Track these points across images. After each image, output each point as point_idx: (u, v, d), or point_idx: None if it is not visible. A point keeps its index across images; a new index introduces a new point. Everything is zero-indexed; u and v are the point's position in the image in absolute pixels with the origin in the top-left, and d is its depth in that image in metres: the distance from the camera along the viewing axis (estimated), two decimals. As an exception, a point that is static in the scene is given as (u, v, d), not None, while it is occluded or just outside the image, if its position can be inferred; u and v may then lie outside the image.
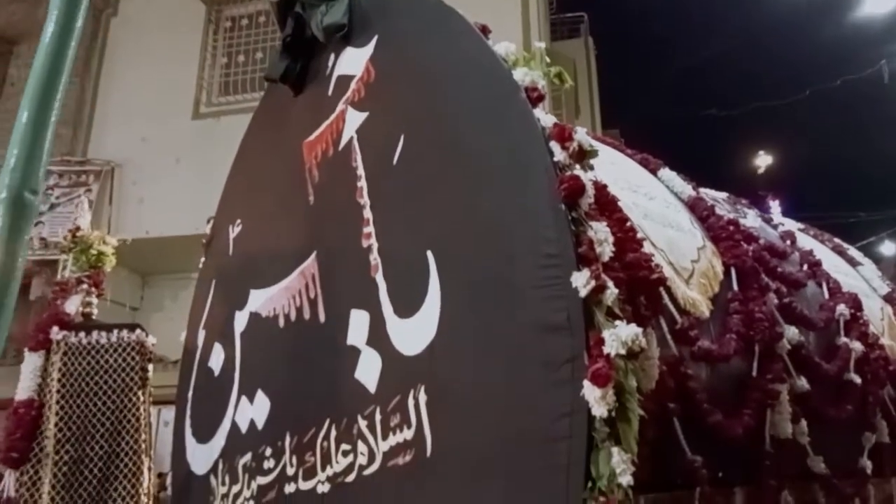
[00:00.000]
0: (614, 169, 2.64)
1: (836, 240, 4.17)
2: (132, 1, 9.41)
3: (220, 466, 2.99)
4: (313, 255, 2.70)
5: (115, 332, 3.86)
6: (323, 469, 2.36)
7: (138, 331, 3.91)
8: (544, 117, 1.98)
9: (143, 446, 3.73)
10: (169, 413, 4.01)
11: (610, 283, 1.71)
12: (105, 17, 9.41)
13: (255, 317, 3.02)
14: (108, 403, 3.69)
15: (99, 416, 3.66)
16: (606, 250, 1.78)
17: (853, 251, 4.17)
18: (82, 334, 3.78)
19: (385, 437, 2.13)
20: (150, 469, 3.80)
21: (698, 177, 3.16)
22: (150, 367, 3.93)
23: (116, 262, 4.68)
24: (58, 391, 3.62)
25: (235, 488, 2.84)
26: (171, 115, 8.71)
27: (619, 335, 1.63)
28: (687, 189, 2.93)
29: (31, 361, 3.68)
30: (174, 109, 8.75)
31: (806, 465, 2.54)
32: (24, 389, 3.61)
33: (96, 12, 9.31)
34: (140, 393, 3.79)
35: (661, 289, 2.12)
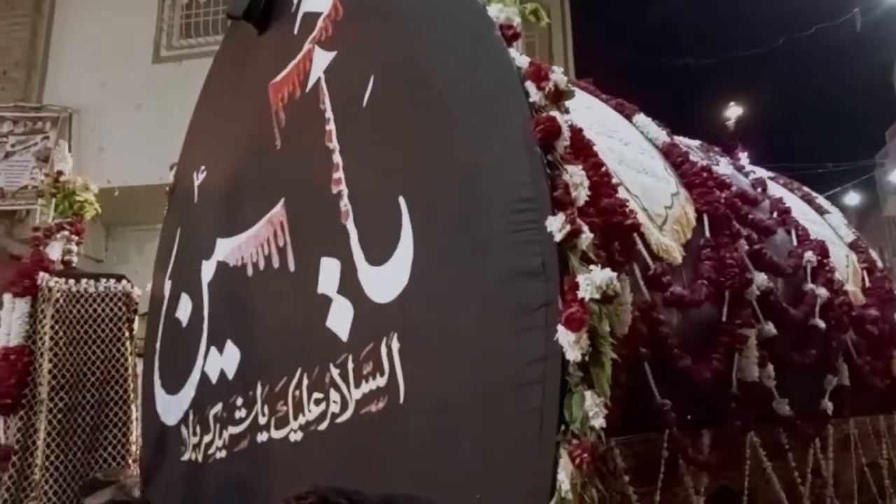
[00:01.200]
0: (590, 114, 2.59)
1: (805, 188, 4.21)
2: (84, -64, 8.88)
3: (191, 417, 2.97)
4: (282, 202, 2.62)
5: (103, 281, 3.76)
6: (295, 418, 2.34)
7: (124, 281, 3.82)
8: (519, 57, 1.91)
9: (132, 395, 3.70)
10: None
11: (585, 228, 1.69)
12: (56, -47, 8.88)
13: (222, 266, 2.94)
14: (97, 353, 3.63)
15: (90, 364, 3.61)
16: (582, 194, 1.74)
17: (821, 200, 4.22)
18: (71, 282, 3.68)
19: (358, 385, 2.11)
20: (137, 419, 3.77)
21: (673, 126, 3.13)
22: (136, 318, 3.85)
23: (77, 213, 4.55)
24: (51, 338, 3.53)
25: (207, 438, 2.82)
26: (130, 58, 8.35)
27: (593, 279, 1.61)
28: (661, 135, 2.90)
29: (19, 308, 3.57)
30: (133, 53, 8.39)
31: (771, 408, 2.60)
32: (14, 335, 3.51)
33: (46, -53, 8.78)
34: (128, 343, 3.73)
35: (635, 235, 2.11)
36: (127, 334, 3.68)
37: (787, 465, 2.63)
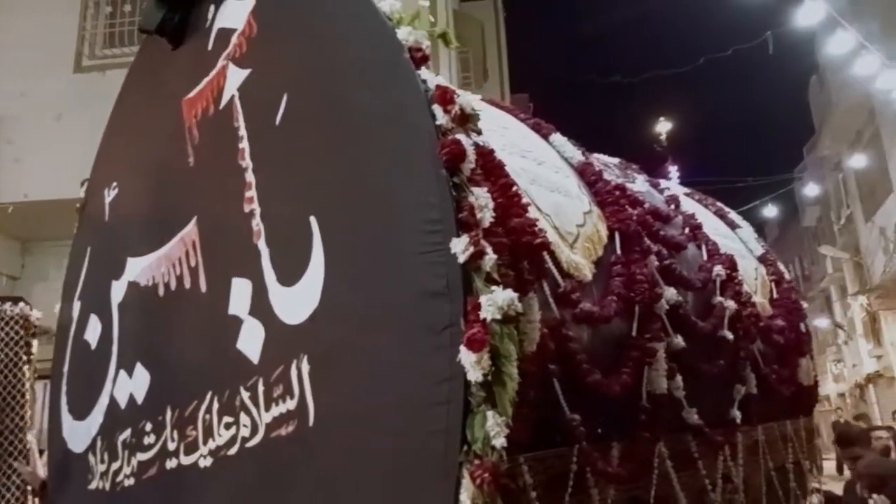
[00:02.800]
0: (506, 133, 2.64)
1: (719, 203, 4.39)
2: (0, -61, 8.51)
3: (99, 444, 2.85)
4: (194, 221, 2.56)
5: None
6: (205, 443, 2.28)
7: (21, 304, 3.64)
8: (431, 78, 1.94)
9: (29, 423, 3.51)
10: (49, 389, 3.78)
11: (489, 249, 1.71)
12: (-30, -44, 8.48)
13: (133, 286, 2.85)
14: None
15: None
16: (487, 216, 1.77)
17: (733, 214, 4.41)
18: None
19: (268, 409, 2.07)
20: (36, 447, 3.58)
21: (601, 142, 3.22)
22: (35, 342, 3.67)
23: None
24: (-61, 367, 3.32)
25: (115, 465, 2.71)
26: (50, 68, 8.06)
27: (495, 300, 1.64)
28: (577, 154, 2.97)
29: None
30: (54, 62, 8.10)
31: (681, 417, 2.70)
32: None
33: (-41, -49, 8.37)
34: (25, 368, 3.55)
35: (545, 253, 2.15)
36: (24, 358, 3.52)
37: (698, 473, 2.73)
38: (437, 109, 1.85)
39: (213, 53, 2.65)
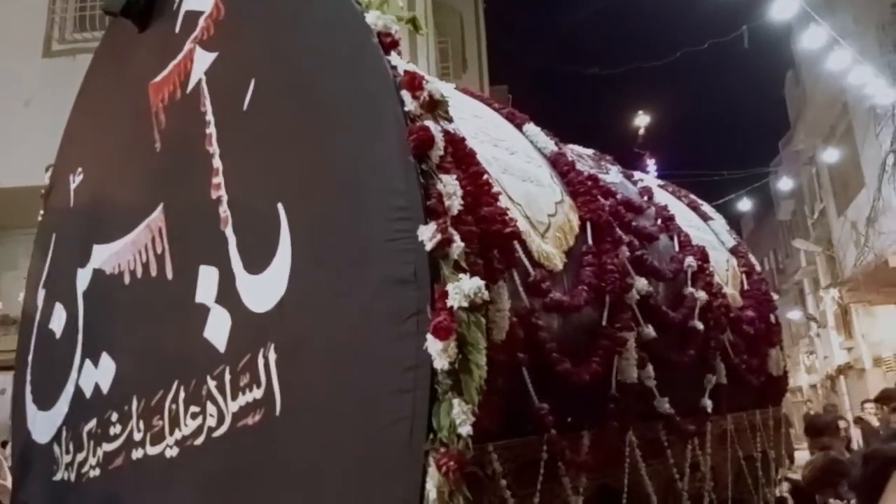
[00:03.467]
0: (477, 122, 2.62)
1: (692, 196, 4.42)
2: (-33, -80, 8.28)
3: (64, 434, 2.80)
4: (160, 207, 2.52)
5: None
6: (171, 433, 2.25)
7: None
8: (401, 64, 1.91)
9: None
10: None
11: (456, 237, 1.70)
12: (-65, -64, 8.24)
13: (98, 274, 2.79)
14: None
15: None
16: (455, 203, 1.76)
17: (706, 207, 4.44)
18: None
19: (234, 398, 2.05)
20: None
21: (581, 133, 3.22)
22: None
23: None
24: None
25: (80, 456, 2.66)
26: (19, 52, 7.88)
27: (462, 288, 1.62)
28: (550, 144, 2.97)
29: None
30: (23, 46, 7.92)
31: (651, 407, 2.71)
32: None
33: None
34: None
35: (516, 242, 2.14)
36: None
37: (667, 462, 2.75)
38: (406, 95, 1.83)
39: (179, 36, 2.59)
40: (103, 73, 3.20)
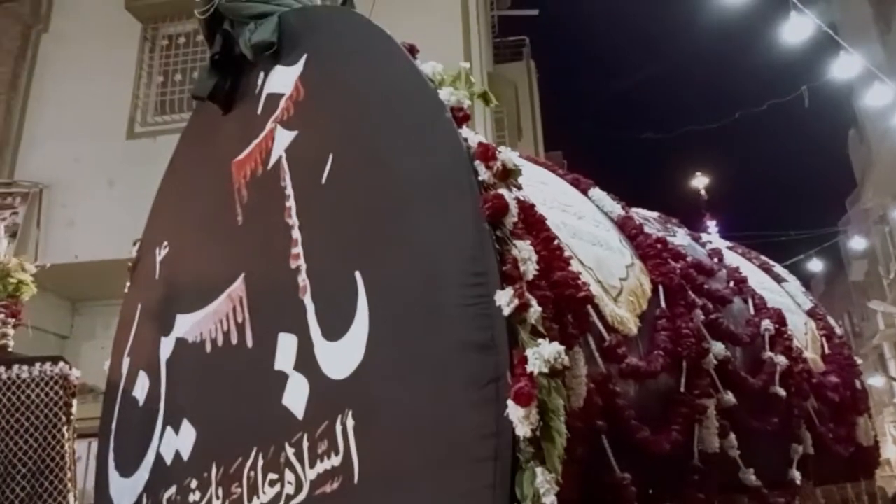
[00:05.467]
0: (545, 188, 2.67)
1: (763, 257, 4.32)
2: (64, 17, 9.10)
3: (145, 501, 2.85)
4: (241, 278, 2.63)
5: (38, 365, 3.60)
6: (250, 500, 2.27)
7: (62, 363, 3.67)
8: (471, 136, 1.99)
9: (69, 485, 3.50)
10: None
11: (533, 302, 1.71)
12: (35, 33, 9.07)
13: (181, 343, 2.91)
14: (30, 442, 3.44)
15: (21, 455, 3.40)
16: (530, 268, 1.78)
17: (779, 268, 4.32)
18: (1, 369, 3.54)
19: (312, 465, 2.06)
20: None
21: (638, 197, 3.23)
22: (75, 401, 3.70)
23: (44, 288, 4.42)
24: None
25: (159, 523, 2.71)
26: (104, 134, 8.43)
27: (541, 353, 1.62)
28: (616, 208, 2.98)
29: None
30: (108, 129, 8.48)
31: (736, 478, 2.59)
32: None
33: (25, 29, 8.98)
34: (65, 429, 3.54)
35: (589, 307, 2.14)
36: (64, 419, 3.49)
37: (755, 537, 2.60)
38: (480, 165, 1.89)
39: (262, 117, 2.76)
40: (189, 153, 3.42)
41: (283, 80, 2.70)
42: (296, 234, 2.39)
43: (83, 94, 8.46)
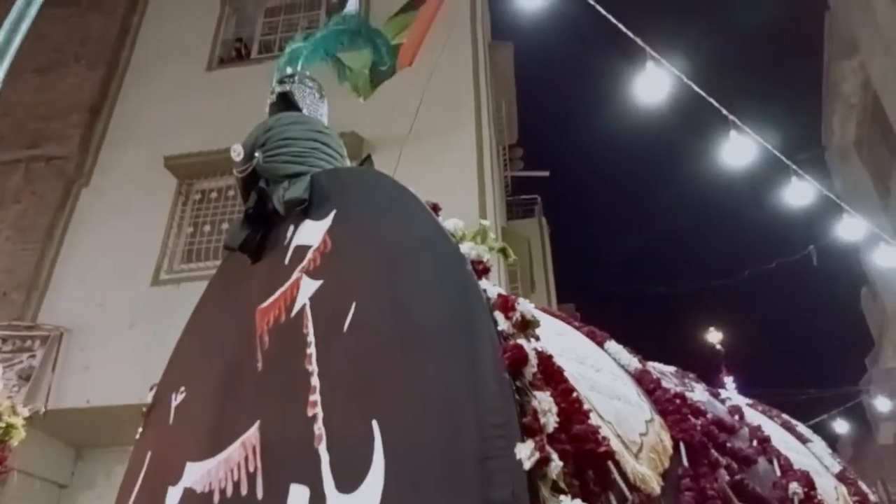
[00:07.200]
0: (561, 340, 2.70)
1: (785, 416, 4.21)
2: (106, 173, 9.76)
3: None
4: (256, 425, 2.60)
5: None
6: None
7: None
8: (490, 288, 2.07)
9: None
10: None
11: (554, 456, 1.69)
12: (77, 187, 9.69)
13: (188, 493, 2.82)
14: None
15: None
16: (551, 421, 1.77)
17: (802, 427, 4.20)
18: None
19: None
20: None
21: (652, 350, 3.24)
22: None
23: (50, 434, 4.34)
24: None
25: None
26: (130, 281, 8.70)
27: (564, 511, 1.58)
28: (633, 362, 2.99)
29: None
30: (134, 275, 8.77)
31: None
32: None
33: (68, 184, 9.59)
34: None
35: (610, 463, 2.09)
36: None
37: None
38: (499, 316, 1.95)
39: (288, 267, 2.89)
40: (214, 300, 3.52)
41: (311, 233, 2.86)
42: (315, 380, 2.41)
43: (115, 242, 8.86)
